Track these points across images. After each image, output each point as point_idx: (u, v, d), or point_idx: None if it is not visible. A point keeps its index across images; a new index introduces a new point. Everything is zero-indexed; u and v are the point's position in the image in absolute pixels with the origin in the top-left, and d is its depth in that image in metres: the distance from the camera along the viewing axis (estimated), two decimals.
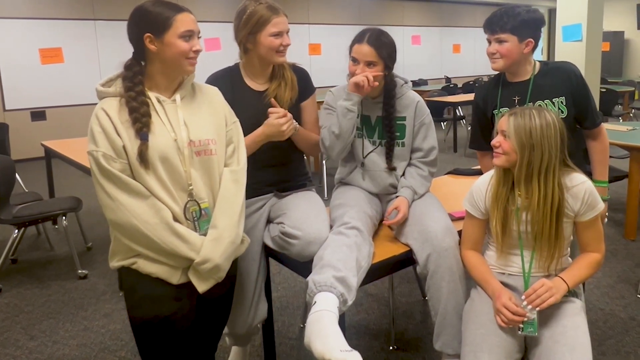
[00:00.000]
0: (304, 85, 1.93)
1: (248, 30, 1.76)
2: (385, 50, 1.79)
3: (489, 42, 1.88)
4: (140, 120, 1.38)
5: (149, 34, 1.40)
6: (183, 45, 1.41)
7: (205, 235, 1.46)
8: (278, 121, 1.73)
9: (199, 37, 1.47)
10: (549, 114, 1.50)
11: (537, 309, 1.47)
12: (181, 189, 1.44)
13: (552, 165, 1.49)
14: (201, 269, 1.42)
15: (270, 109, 1.76)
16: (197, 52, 1.45)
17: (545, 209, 1.51)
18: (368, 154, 1.92)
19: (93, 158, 1.37)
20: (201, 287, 1.45)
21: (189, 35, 1.42)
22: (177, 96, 1.48)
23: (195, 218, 1.45)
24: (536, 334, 1.48)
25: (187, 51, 1.42)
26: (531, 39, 1.84)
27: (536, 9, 1.90)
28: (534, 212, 1.52)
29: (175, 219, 1.43)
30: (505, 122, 1.53)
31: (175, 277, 1.44)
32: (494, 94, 1.99)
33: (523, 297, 1.49)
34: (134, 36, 1.43)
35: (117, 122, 1.38)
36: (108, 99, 1.42)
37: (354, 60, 1.80)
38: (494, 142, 1.57)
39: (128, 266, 1.45)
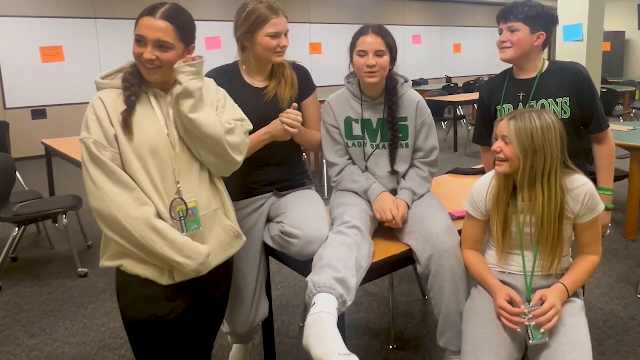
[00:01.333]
0: (305, 83, 1.92)
1: (246, 28, 1.74)
2: (391, 40, 1.79)
3: (500, 32, 1.89)
4: (129, 89, 1.38)
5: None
6: (135, 49, 1.38)
7: (191, 235, 1.43)
8: (284, 125, 1.73)
9: (164, 50, 1.38)
10: (548, 116, 1.49)
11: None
12: (169, 186, 1.42)
13: (554, 167, 1.48)
14: None
15: (285, 112, 1.75)
16: (146, 58, 1.37)
17: (549, 212, 1.50)
18: (369, 156, 1.91)
19: (84, 145, 1.36)
20: None
21: (143, 43, 1.37)
22: (169, 96, 1.45)
23: (182, 217, 1.42)
24: (547, 339, 1.46)
25: (136, 54, 1.38)
26: (543, 32, 1.84)
27: (551, 6, 1.90)
28: (538, 215, 1.51)
29: (159, 216, 1.40)
30: (505, 126, 1.51)
31: (163, 279, 1.42)
32: (499, 89, 1.98)
33: (532, 320, 1.46)
34: None
35: (111, 112, 1.38)
36: (107, 90, 1.42)
37: (361, 54, 1.77)
38: (494, 147, 1.55)
39: (116, 267, 1.43)
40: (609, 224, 1.97)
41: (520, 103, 1.91)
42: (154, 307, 1.43)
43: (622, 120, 7.16)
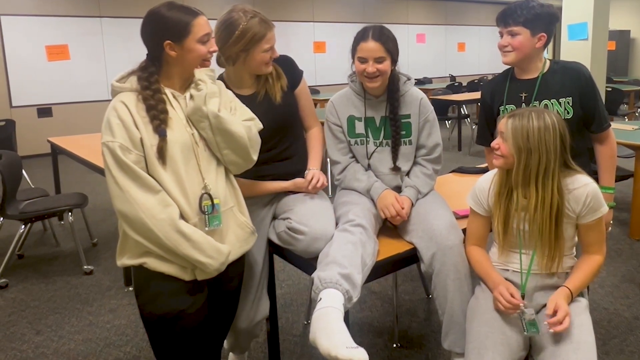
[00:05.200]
0: (291, 70, 1.90)
1: (241, 47, 1.69)
2: (391, 44, 1.79)
3: (501, 35, 1.87)
4: (158, 117, 1.40)
5: (169, 41, 1.41)
6: (202, 49, 1.45)
7: (214, 230, 1.48)
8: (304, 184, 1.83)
9: (212, 37, 1.50)
10: (549, 116, 1.48)
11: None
12: (196, 184, 1.46)
13: (550, 169, 1.47)
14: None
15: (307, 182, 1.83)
16: (212, 52, 1.50)
17: (543, 213, 1.49)
18: (372, 154, 1.91)
19: (109, 149, 1.37)
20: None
21: (207, 39, 1.46)
22: (188, 94, 1.49)
23: (207, 212, 1.46)
24: (539, 333, 1.48)
25: (205, 54, 1.46)
26: (544, 34, 1.83)
27: (551, 4, 1.88)
28: (531, 216, 1.51)
29: (183, 217, 1.43)
30: (504, 123, 1.52)
31: (187, 275, 1.45)
32: (501, 89, 1.98)
33: (546, 321, 1.45)
34: (152, 42, 1.44)
35: (135, 115, 1.40)
36: (125, 93, 1.44)
37: (362, 60, 1.78)
38: (493, 143, 1.56)
39: (137, 265, 1.45)
40: (611, 222, 1.97)
41: (523, 104, 1.91)
42: (176, 302, 1.45)
43: (627, 120, 7.14)
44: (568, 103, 1.86)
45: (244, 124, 1.54)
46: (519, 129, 1.48)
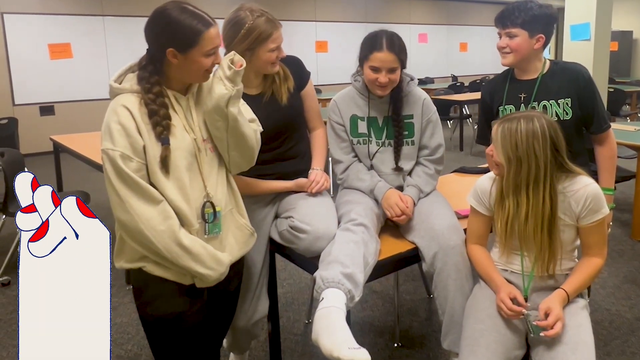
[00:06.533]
0: (299, 72, 1.90)
1: (246, 46, 1.68)
2: (404, 53, 1.79)
3: (500, 36, 1.88)
4: (161, 123, 1.35)
5: (172, 49, 1.33)
6: (206, 62, 1.37)
7: (214, 237, 1.46)
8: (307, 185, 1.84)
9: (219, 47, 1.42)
10: (538, 121, 1.45)
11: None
12: (198, 190, 1.43)
13: (541, 176, 1.46)
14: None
15: (309, 183, 1.84)
16: (216, 64, 1.42)
17: (535, 221, 1.48)
18: (374, 154, 1.92)
19: (108, 157, 1.31)
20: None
21: (213, 52, 1.38)
22: (190, 97, 1.46)
23: (208, 221, 1.44)
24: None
25: (208, 66, 1.39)
26: (542, 35, 1.83)
27: (549, 5, 1.88)
28: (521, 224, 1.50)
29: (185, 222, 1.40)
30: (495, 132, 1.51)
31: (185, 280, 1.43)
32: (500, 90, 1.98)
33: (535, 322, 1.46)
34: (155, 44, 1.38)
35: (139, 122, 1.34)
36: (126, 95, 1.38)
37: (375, 70, 1.76)
38: (488, 150, 1.56)
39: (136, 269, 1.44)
40: (611, 223, 1.97)
41: (522, 104, 1.91)
42: (175, 304, 1.44)
43: (629, 120, 7.12)
44: (567, 104, 1.86)
45: (251, 126, 1.52)
46: (507, 138, 1.46)
